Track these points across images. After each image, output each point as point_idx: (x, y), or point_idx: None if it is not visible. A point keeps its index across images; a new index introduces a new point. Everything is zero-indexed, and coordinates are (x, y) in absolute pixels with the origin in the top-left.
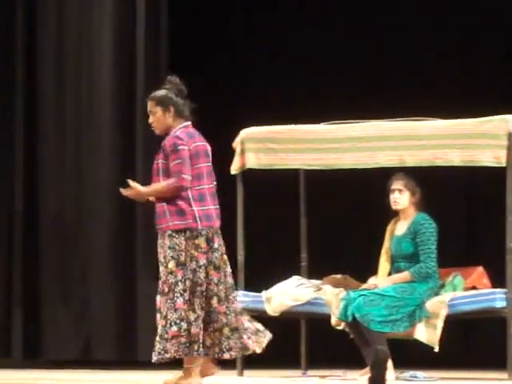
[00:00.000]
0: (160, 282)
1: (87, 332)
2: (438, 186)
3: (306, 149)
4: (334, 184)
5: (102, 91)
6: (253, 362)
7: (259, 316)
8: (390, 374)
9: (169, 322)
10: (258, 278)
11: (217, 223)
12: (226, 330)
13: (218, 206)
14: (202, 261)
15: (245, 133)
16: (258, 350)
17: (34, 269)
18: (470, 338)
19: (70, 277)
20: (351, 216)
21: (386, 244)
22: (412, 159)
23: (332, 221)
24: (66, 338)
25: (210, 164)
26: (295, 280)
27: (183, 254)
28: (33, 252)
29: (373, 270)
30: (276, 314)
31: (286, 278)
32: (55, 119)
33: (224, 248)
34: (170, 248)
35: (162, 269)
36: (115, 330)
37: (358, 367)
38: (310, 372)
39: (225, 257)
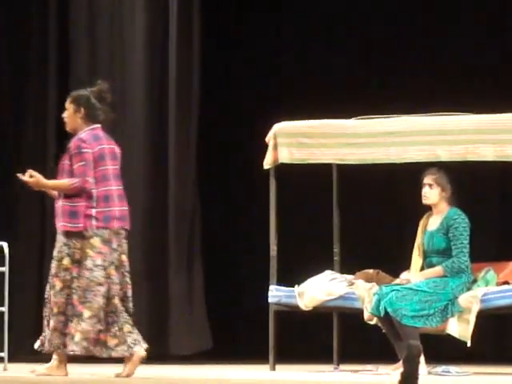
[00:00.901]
0: (50, 276)
1: None
2: (471, 181)
3: (339, 143)
4: (367, 178)
5: (134, 89)
6: (285, 356)
7: (291, 311)
8: (423, 368)
9: (66, 317)
10: (291, 272)
11: (117, 224)
12: (127, 327)
13: (125, 208)
14: (98, 261)
15: (278, 127)
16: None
17: None
18: (502, 333)
19: None
20: (384, 211)
21: (419, 239)
22: (444, 154)
23: (365, 215)
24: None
25: (117, 167)
26: (328, 275)
27: (79, 252)
28: None
29: (405, 265)
30: (308, 309)
31: (318, 273)
32: None
33: (124, 248)
34: (65, 245)
35: (55, 264)
36: (147, 323)
37: (390, 362)
38: (342, 366)
39: (123, 257)
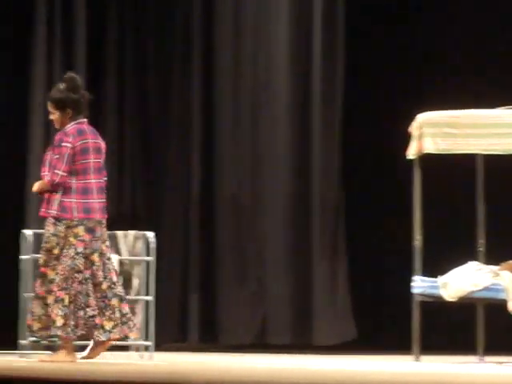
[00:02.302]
0: (39, 265)
1: (263, 316)
2: None
3: (485, 134)
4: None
5: (278, 81)
6: (428, 347)
7: (435, 301)
8: None
9: (51, 304)
10: (434, 263)
11: (98, 215)
12: (120, 311)
13: (103, 200)
14: (80, 248)
15: (422, 117)
16: (132, 336)
17: (211, 253)
18: None
19: (246, 260)
20: None
21: None
22: None
23: (510, 207)
24: (241, 321)
25: (100, 160)
26: (473, 265)
27: (63, 241)
28: (209, 236)
29: None
30: (453, 300)
31: (461, 264)
32: (231, 103)
33: (105, 237)
34: (52, 235)
35: (42, 253)
36: (291, 314)
37: None
38: (487, 358)
39: (107, 243)
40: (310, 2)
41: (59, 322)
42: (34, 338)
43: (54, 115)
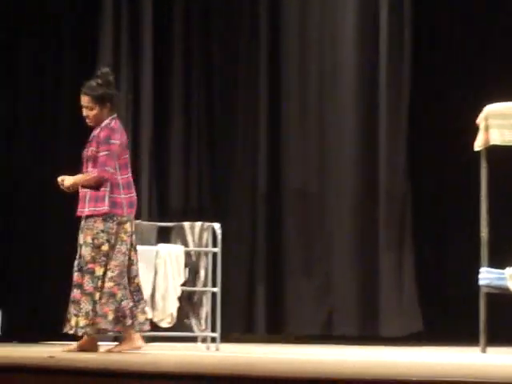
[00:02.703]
0: (84, 262)
1: (329, 307)
2: None
3: None
4: None
5: (344, 58)
6: (495, 339)
7: (501, 293)
8: None
9: (100, 300)
10: (502, 254)
11: (135, 209)
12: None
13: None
14: (128, 244)
15: (489, 109)
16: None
17: (277, 244)
18: None
19: (313, 251)
20: None
21: None
22: None
23: None
24: (308, 313)
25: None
26: None
27: (114, 237)
28: (276, 227)
29: None
30: None
31: None
32: (297, 94)
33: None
34: (102, 231)
35: (89, 250)
36: (357, 305)
37: None
38: None
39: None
40: None
41: (110, 316)
42: (71, 332)
43: (93, 111)
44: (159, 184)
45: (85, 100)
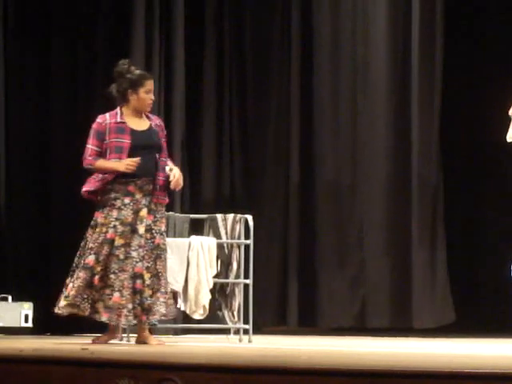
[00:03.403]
0: (162, 250)
1: (362, 299)
2: None
3: None
4: None
5: (376, 52)
6: None
7: None
8: None
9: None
10: None
11: None
12: None
13: None
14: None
15: None
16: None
17: (310, 236)
18: None
19: (345, 243)
20: None
21: None
22: None
23: None
24: (341, 305)
25: None
26: None
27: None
28: (308, 218)
29: None
30: None
31: None
32: (330, 87)
33: None
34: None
35: (163, 238)
36: (390, 297)
37: None
38: None
39: None
40: None
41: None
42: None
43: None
44: (192, 176)
45: (153, 85)
